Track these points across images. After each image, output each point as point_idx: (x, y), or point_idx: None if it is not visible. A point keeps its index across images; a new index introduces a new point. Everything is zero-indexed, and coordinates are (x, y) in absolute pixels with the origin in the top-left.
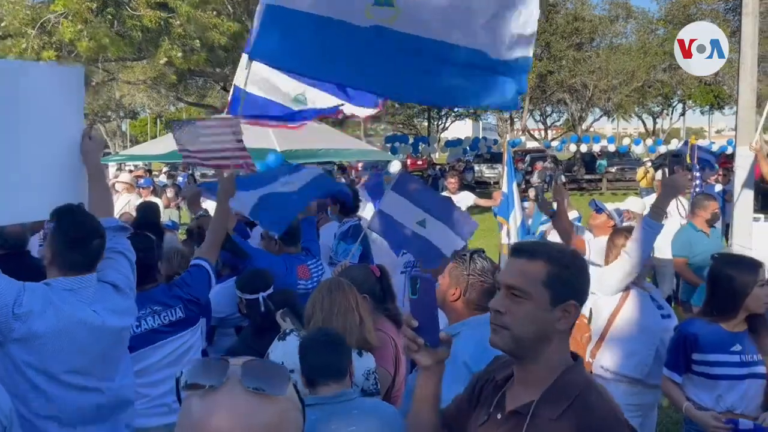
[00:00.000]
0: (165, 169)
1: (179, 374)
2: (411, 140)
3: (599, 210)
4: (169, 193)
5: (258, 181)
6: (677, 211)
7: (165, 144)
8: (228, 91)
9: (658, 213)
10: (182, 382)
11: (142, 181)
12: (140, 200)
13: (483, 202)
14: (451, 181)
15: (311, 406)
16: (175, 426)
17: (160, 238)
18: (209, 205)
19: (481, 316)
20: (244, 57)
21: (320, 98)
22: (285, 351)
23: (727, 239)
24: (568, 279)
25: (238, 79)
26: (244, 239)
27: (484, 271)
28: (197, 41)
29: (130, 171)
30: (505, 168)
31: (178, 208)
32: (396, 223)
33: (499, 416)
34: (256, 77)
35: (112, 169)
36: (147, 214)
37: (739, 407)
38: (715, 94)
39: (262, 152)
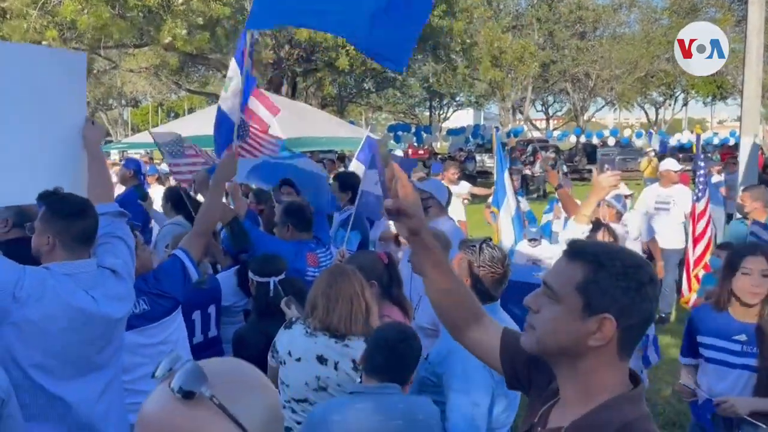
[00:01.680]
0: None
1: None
2: (413, 129)
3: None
4: (172, 180)
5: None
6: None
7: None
8: None
9: (582, 215)
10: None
11: (148, 168)
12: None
13: (478, 191)
14: (451, 171)
15: (358, 393)
16: None
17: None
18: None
19: (489, 306)
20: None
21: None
22: (291, 340)
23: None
24: (609, 287)
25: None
26: (255, 226)
27: (493, 261)
28: (200, 18)
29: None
30: (495, 157)
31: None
32: (375, 195)
33: (539, 430)
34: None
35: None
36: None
37: (728, 395)
38: (717, 85)
39: None
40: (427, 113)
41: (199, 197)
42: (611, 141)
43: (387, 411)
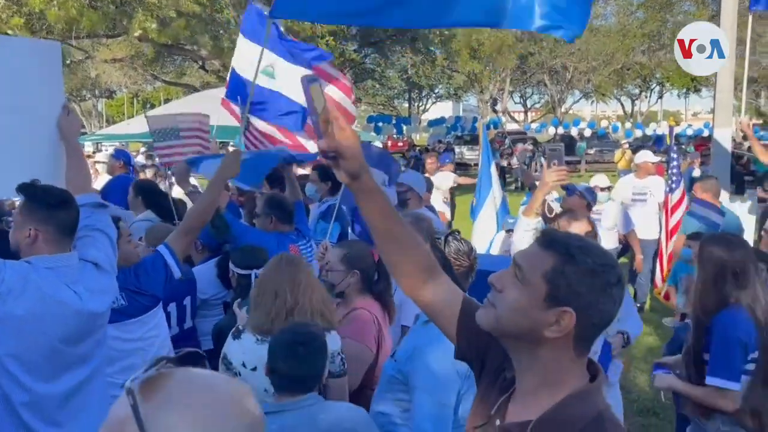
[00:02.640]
0: (143, 149)
1: None
2: (393, 121)
3: (571, 192)
4: (148, 173)
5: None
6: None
7: (142, 123)
8: (206, 70)
9: (529, 209)
10: None
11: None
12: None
13: (463, 181)
14: (430, 162)
15: (273, 413)
16: None
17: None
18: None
19: None
20: (241, 39)
21: (290, 72)
22: (243, 350)
23: None
24: (575, 282)
25: (236, 62)
26: (236, 218)
27: (459, 253)
28: (172, 11)
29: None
30: (482, 149)
31: None
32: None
33: (498, 422)
34: (243, 58)
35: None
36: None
37: None
38: (692, 78)
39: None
40: (406, 105)
41: (177, 189)
42: (588, 132)
43: (307, 426)
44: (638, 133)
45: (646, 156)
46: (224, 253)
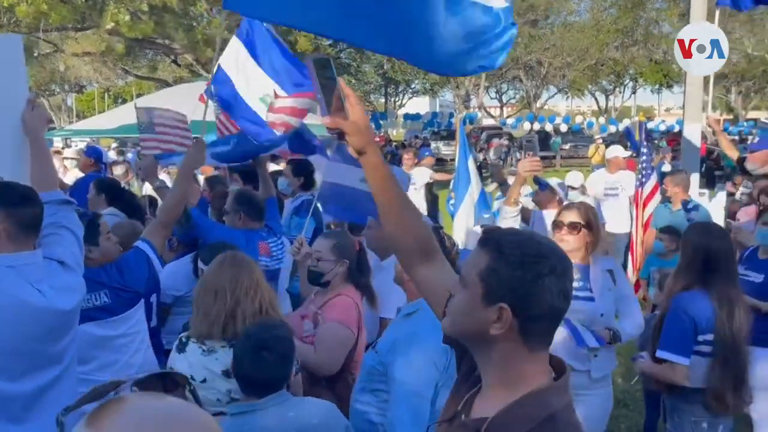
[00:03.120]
0: (114, 145)
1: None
2: (370, 116)
3: (543, 186)
4: (119, 169)
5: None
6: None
7: (114, 118)
8: (178, 65)
9: (509, 199)
10: None
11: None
12: None
13: (439, 177)
14: (407, 157)
15: (242, 414)
16: None
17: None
18: (165, 178)
19: None
20: (234, 40)
21: (283, 101)
22: (189, 364)
23: None
24: (506, 277)
25: (224, 62)
26: (204, 214)
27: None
28: (144, 4)
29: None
30: (458, 144)
31: (129, 185)
32: (344, 187)
33: (463, 417)
34: (232, 59)
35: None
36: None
37: None
38: (664, 73)
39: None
40: (383, 100)
41: (147, 186)
42: (563, 128)
43: (278, 425)
44: (612, 128)
45: (616, 151)
46: (199, 249)
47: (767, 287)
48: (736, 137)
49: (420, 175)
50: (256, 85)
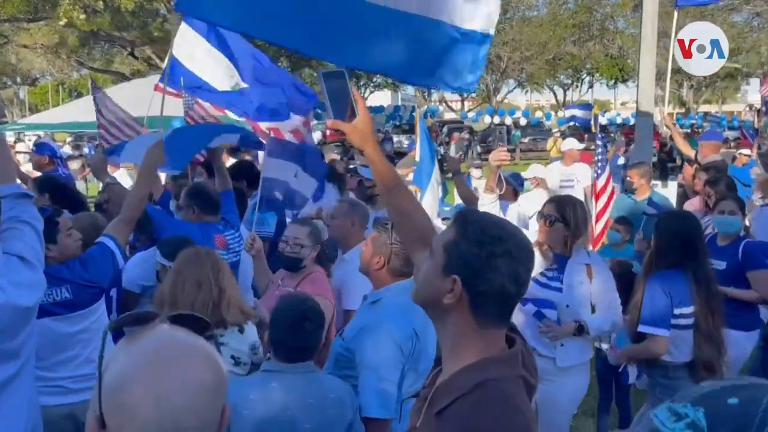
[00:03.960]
0: (69, 140)
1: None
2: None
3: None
4: (75, 164)
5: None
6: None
7: (69, 112)
8: (136, 58)
9: (486, 187)
10: None
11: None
12: None
13: (402, 172)
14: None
15: (272, 372)
16: (72, 407)
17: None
18: (117, 174)
19: (403, 282)
20: (184, 26)
21: (254, 95)
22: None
23: None
24: (464, 252)
25: (177, 50)
26: (167, 209)
27: None
28: (100, 2)
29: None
30: (418, 138)
31: (85, 180)
32: (280, 182)
33: (425, 390)
34: (185, 50)
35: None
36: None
37: None
38: (619, 68)
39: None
40: None
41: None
42: (523, 121)
43: (301, 390)
44: (571, 122)
45: (571, 143)
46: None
47: (731, 273)
48: (688, 130)
49: None
50: (224, 74)
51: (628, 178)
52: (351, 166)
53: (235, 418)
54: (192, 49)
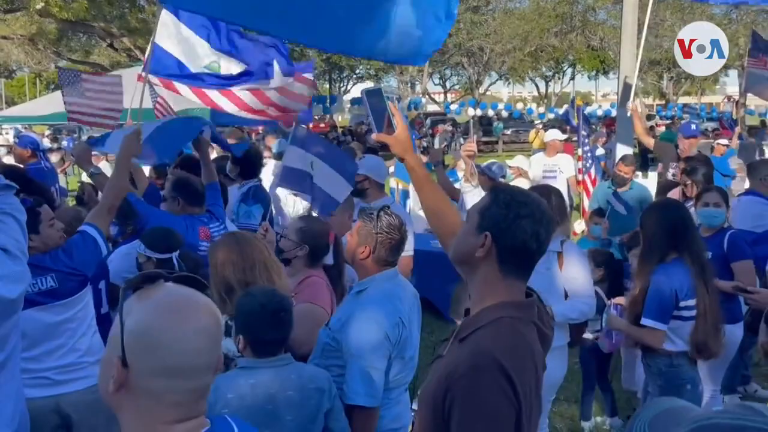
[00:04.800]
0: (48, 133)
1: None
2: (316, 100)
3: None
4: (55, 157)
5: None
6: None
7: (47, 105)
8: (115, 49)
9: (464, 178)
10: None
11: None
12: None
13: (386, 164)
14: (355, 145)
15: (251, 368)
16: (57, 398)
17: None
18: (102, 166)
19: (387, 271)
20: (164, 13)
21: (234, 68)
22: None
23: None
24: (495, 213)
25: (159, 38)
26: (155, 201)
27: (391, 227)
28: None
29: None
30: (373, 125)
31: (65, 173)
32: (298, 171)
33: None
34: (168, 32)
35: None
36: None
37: None
38: (601, 60)
39: (185, 113)
40: (327, 86)
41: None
42: (505, 113)
43: (281, 383)
44: (551, 116)
45: (554, 135)
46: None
47: (715, 263)
48: (669, 121)
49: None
50: (200, 54)
51: (616, 170)
52: None
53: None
54: (171, 32)
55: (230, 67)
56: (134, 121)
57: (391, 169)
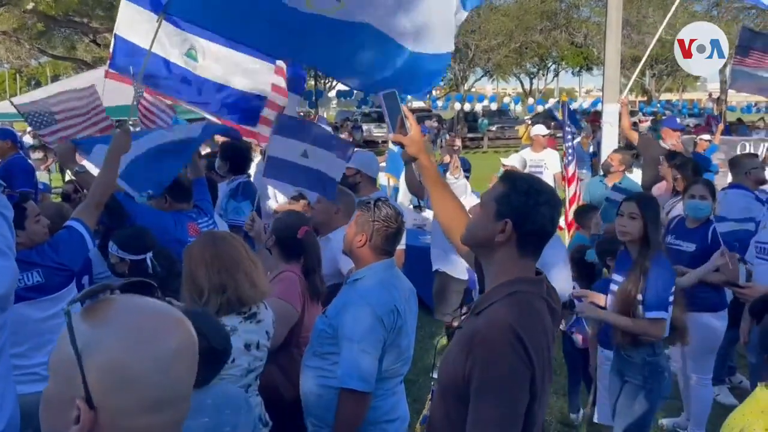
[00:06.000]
0: (29, 129)
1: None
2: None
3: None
4: (37, 154)
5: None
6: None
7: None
8: (98, 45)
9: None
10: None
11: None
12: None
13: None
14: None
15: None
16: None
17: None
18: (86, 164)
19: (384, 261)
20: (124, 3)
21: (211, 51)
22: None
23: None
24: (514, 201)
25: (121, 29)
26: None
27: (388, 217)
28: None
29: None
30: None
31: (49, 171)
32: (286, 162)
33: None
34: (132, 24)
35: None
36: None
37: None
38: (584, 56)
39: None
40: (312, 81)
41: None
42: (493, 106)
43: (194, 410)
44: (539, 108)
45: (539, 130)
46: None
47: (700, 255)
48: (652, 116)
49: None
50: (174, 42)
51: (608, 160)
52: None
53: None
54: (135, 21)
55: (206, 51)
56: (119, 119)
57: (382, 165)
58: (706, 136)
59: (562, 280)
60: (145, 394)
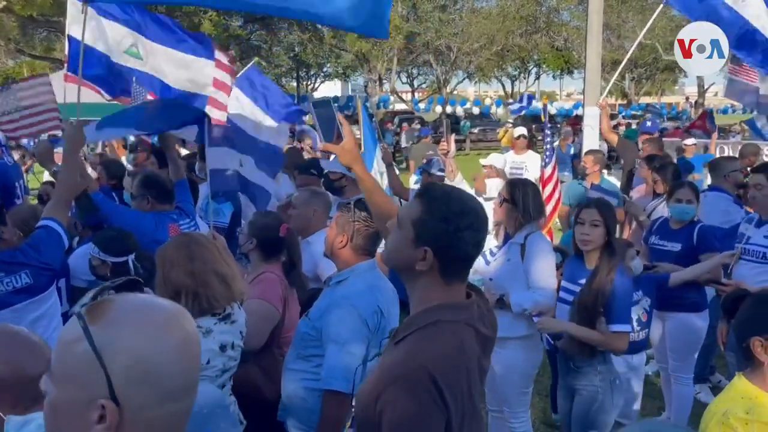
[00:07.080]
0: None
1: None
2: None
3: (423, 171)
4: (15, 155)
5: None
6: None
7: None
8: None
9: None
10: None
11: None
12: None
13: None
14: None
15: None
16: None
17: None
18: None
19: (366, 262)
20: (73, 2)
21: (153, 50)
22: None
23: None
24: (432, 227)
25: (73, 29)
26: (109, 199)
27: (368, 217)
28: None
29: None
30: (362, 127)
31: (26, 172)
32: (225, 173)
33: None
34: (90, 24)
35: None
36: None
37: None
38: (565, 60)
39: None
40: (294, 84)
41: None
42: (476, 110)
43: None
44: (520, 103)
45: (519, 132)
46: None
47: (684, 255)
48: (631, 120)
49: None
50: (116, 40)
51: (582, 164)
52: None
53: None
54: (82, 19)
55: (149, 51)
56: (72, 118)
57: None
58: (690, 141)
59: (543, 285)
60: (167, 385)
